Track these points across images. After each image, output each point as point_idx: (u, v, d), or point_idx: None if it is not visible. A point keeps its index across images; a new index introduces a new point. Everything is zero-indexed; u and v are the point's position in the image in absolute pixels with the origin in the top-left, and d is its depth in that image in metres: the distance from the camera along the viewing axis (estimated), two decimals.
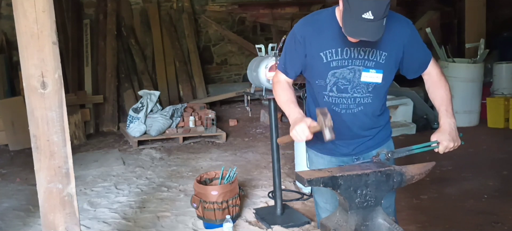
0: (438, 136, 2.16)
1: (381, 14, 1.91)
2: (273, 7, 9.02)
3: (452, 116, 2.20)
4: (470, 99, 6.64)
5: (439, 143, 2.15)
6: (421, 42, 2.27)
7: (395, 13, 2.21)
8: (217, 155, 5.93)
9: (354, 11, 1.92)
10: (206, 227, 3.83)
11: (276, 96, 2.35)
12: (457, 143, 2.17)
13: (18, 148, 6.39)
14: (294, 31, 2.25)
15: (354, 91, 2.22)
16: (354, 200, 1.94)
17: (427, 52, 2.28)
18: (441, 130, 2.17)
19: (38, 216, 2.88)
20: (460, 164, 5.02)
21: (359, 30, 1.94)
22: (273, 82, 2.40)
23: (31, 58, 2.41)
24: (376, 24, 1.92)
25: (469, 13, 7.46)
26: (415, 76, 2.32)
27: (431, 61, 2.29)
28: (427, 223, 3.73)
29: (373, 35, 1.95)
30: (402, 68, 2.27)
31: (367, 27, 1.92)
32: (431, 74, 2.29)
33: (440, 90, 2.26)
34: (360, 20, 1.91)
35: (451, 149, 2.18)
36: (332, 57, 2.17)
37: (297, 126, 2.08)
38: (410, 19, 2.29)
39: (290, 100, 2.25)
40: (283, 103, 2.28)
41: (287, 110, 2.22)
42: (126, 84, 7.95)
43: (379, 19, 1.91)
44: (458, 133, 2.19)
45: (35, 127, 2.47)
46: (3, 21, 7.75)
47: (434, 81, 2.28)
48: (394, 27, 2.15)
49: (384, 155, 2.09)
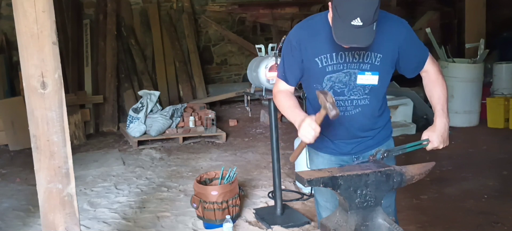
0: (429, 135, 2.17)
1: (370, 19, 1.90)
2: (273, 7, 9.02)
3: (447, 115, 2.21)
4: (470, 99, 6.64)
5: (429, 141, 2.16)
6: (417, 40, 2.27)
7: (389, 14, 2.21)
8: (217, 155, 5.93)
9: (343, 18, 1.92)
10: (206, 227, 3.83)
11: (279, 106, 2.33)
12: (446, 144, 2.19)
13: (18, 148, 6.39)
14: (289, 38, 2.26)
15: (351, 93, 2.22)
16: (354, 200, 1.94)
17: (424, 50, 2.28)
18: (434, 129, 2.18)
19: (38, 216, 2.88)
20: (460, 164, 5.02)
21: (349, 37, 1.94)
22: (274, 93, 2.39)
23: (31, 58, 2.41)
24: (366, 30, 1.92)
25: (469, 13, 7.46)
26: (414, 75, 2.32)
27: (428, 59, 2.28)
28: (427, 223, 3.73)
29: (363, 41, 1.95)
30: (400, 67, 2.27)
31: (357, 34, 1.92)
32: (429, 72, 2.29)
33: (437, 88, 2.25)
34: (349, 27, 1.91)
35: (439, 148, 2.19)
36: (327, 62, 2.18)
37: (303, 125, 2.06)
38: (409, 20, 2.29)
39: (294, 106, 2.24)
40: (286, 109, 2.26)
41: (292, 116, 2.20)
42: (126, 84, 7.95)
43: (368, 24, 1.91)
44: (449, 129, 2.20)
45: (35, 127, 2.47)
46: (3, 21, 7.75)
47: (431, 80, 2.28)
48: (388, 28, 2.15)
49: (380, 154, 2.09)
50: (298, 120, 2.13)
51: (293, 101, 2.27)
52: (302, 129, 2.06)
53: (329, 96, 1.97)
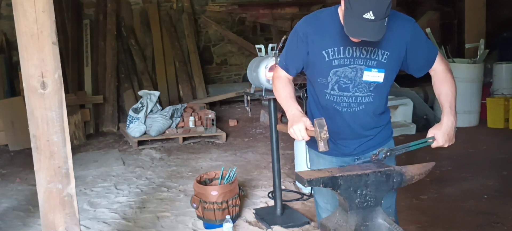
0: (435, 133, 2.16)
1: (382, 14, 1.91)
2: (273, 7, 9.02)
3: (454, 114, 2.19)
4: (470, 99, 6.64)
5: (435, 139, 2.15)
6: (425, 39, 2.26)
7: (397, 12, 2.20)
8: (217, 155, 5.93)
9: (355, 11, 1.92)
10: (206, 227, 3.83)
11: (276, 91, 2.35)
12: (451, 143, 2.18)
13: (18, 148, 6.39)
14: (296, 29, 2.25)
15: (355, 90, 2.22)
16: (354, 200, 1.94)
17: (432, 49, 2.27)
18: (440, 127, 2.17)
19: (38, 216, 2.88)
20: (460, 164, 5.02)
21: (361, 30, 1.94)
22: (273, 78, 2.41)
23: (31, 58, 2.41)
24: (378, 24, 1.92)
25: (469, 13, 7.46)
26: (422, 74, 2.31)
27: (437, 58, 2.27)
28: (427, 223, 3.73)
29: (374, 35, 1.95)
30: (408, 67, 2.25)
31: (368, 27, 1.92)
32: (437, 71, 2.28)
33: (445, 86, 2.24)
34: (361, 20, 1.91)
35: (444, 147, 2.18)
36: (334, 55, 2.17)
37: (295, 125, 2.09)
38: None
39: (289, 96, 2.26)
40: (282, 98, 2.28)
41: (286, 105, 2.23)
42: (126, 84, 7.95)
43: (380, 19, 1.91)
44: (455, 128, 2.20)
45: (35, 127, 2.47)
46: (3, 21, 7.75)
47: (440, 78, 2.27)
48: (396, 26, 2.14)
49: (382, 154, 2.08)
50: (291, 113, 2.17)
51: (289, 90, 2.29)
52: (293, 129, 2.10)
53: (324, 132, 2.00)
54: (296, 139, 2.12)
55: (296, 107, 2.18)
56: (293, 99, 2.25)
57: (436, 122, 2.35)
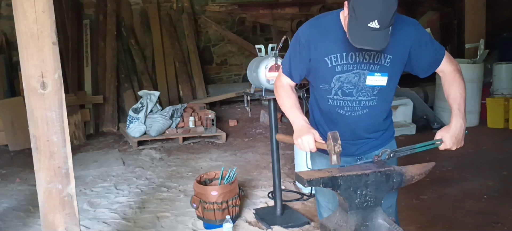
0: (443, 135, 2.12)
1: (387, 23, 1.88)
2: (273, 7, 9.02)
3: (463, 116, 2.15)
4: (470, 99, 6.62)
5: (442, 141, 2.13)
6: (430, 41, 2.23)
7: (400, 15, 2.17)
8: (217, 155, 5.93)
9: (360, 20, 1.89)
10: (206, 227, 3.83)
11: (279, 100, 2.32)
12: (460, 146, 2.14)
13: (18, 148, 6.39)
14: (298, 35, 2.22)
15: (359, 94, 2.19)
16: (354, 201, 1.94)
17: (438, 50, 2.24)
18: (449, 130, 2.12)
19: (38, 216, 2.88)
20: (460, 164, 5.02)
21: (365, 39, 1.92)
22: (275, 86, 2.37)
23: (31, 58, 2.41)
24: (382, 33, 1.89)
25: (469, 13, 7.45)
26: (427, 74, 2.28)
27: (445, 58, 2.24)
28: (427, 223, 3.73)
29: (378, 44, 1.92)
30: (412, 68, 2.22)
31: (373, 36, 1.89)
32: (445, 71, 2.25)
33: (453, 87, 2.20)
34: (365, 29, 1.88)
35: (452, 149, 2.16)
36: (337, 61, 2.15)
37: (304, 136, 2.06)
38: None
39: (295, 106, 2.23)
40: (287, 108, 2.25)
41: (292, 116, 2.20)
42: (126, 84, 7.95)
43: (385, 28, 1.89)
44: (464, 130, 2.15)
45: (35, 127, 2.47)
46: (3, 21, 7.76)
47: (448, 79, 2.24)
48: (399, 29, 2.11)
49: (385, 155, 2.07)
50: (298, 124, 2.14)
51: (294, 100, 2.26)
52: (301, 140, 2.07)
53: (337, 146, 1.96)
54: (303, 150, 2.08)
55: (303, 118, 2.16)
56: (299, 109, 2.22)
57: (436, 122, 2.34)
